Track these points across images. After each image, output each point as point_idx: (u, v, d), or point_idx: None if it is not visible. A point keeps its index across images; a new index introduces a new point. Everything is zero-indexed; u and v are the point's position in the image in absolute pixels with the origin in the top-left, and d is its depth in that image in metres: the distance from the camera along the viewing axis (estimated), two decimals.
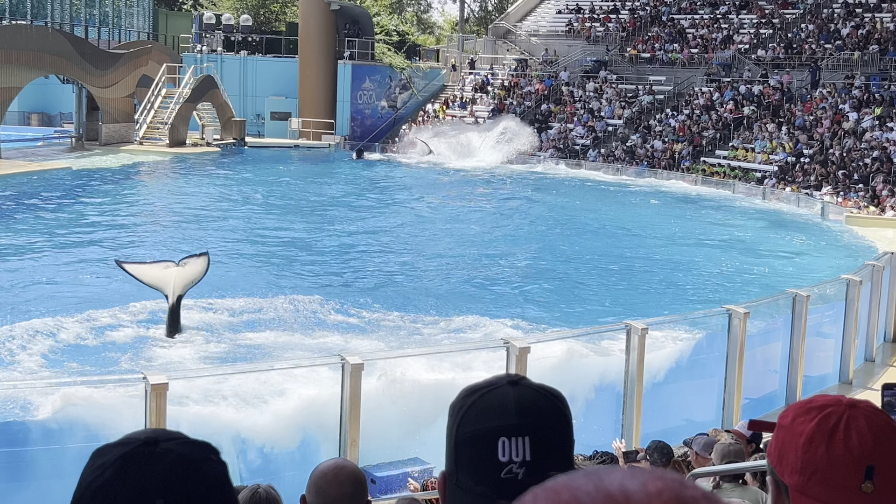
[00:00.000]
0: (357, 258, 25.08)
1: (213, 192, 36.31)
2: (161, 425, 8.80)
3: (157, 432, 1.34)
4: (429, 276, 23.17)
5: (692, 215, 34.68)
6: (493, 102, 55.10)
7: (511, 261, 25.12)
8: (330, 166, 47.09)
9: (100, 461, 1.30)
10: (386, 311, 19.25)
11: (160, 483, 1.27)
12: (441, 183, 42.43)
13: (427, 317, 18.93)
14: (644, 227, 31.35)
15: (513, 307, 20.08)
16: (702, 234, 30.48)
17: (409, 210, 34.02)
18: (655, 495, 0.80)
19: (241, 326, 18.08)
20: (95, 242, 25.33)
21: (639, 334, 11.43)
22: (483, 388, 1.60)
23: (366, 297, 20.61)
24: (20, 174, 36.09)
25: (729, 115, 46.48)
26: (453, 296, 20.93)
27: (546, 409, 1.58)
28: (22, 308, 18.58)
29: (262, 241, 26.81)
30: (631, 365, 11.54)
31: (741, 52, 51.17)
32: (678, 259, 26.19)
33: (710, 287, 23.00)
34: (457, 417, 1.58)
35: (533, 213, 33.92)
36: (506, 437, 1.53)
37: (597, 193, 39.77)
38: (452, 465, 1.58)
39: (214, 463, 1.34)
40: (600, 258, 25.79)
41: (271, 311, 19.14)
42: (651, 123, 48.96)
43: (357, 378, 9.96)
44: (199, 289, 19.58)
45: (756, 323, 13.78)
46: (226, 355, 16.16)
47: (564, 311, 19.96)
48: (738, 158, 43.47)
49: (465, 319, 18.78)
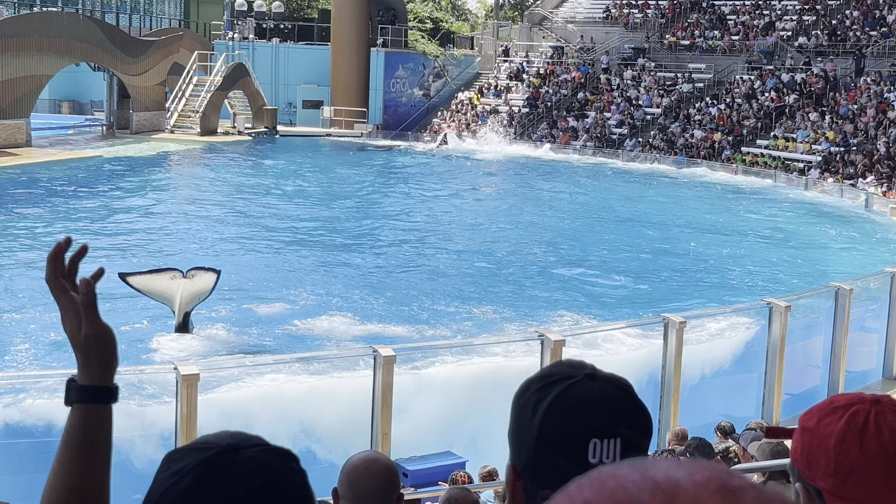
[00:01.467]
0: (389, 249, 25.13)
1: (245, 181, 36.48)
2: (192, 416, 8.88)
3: (237, 437, 1.30)
4: (461, 267, 23.17)
5: (732, 206, 34.45)
6: (528, 91, 54.97)
7: (545, 252, 25.08)
8: (352, 155, 47.13)
9: (176, 467, 1.26)
10: (419, 303, 19.29)
11: (242, 494, 1.23)
12: (461, 170, 42.40)
13: (460, 309, 18.95)
14: (683, 218, 31.18)
15: (547, 299, 20.05)
16: (742, 226, 30.27)
17: (437, 200, 34.02)
18: (702, 484, 0.80)
19: (272, 317, 18.18)
20: (127, 232, 25.54)
21: (677, 328, 11.38)
22: (560, 380, 1.56)
23: (398, 288, 20.67)
24: (51, 162, 36.45)
25: (770, 104, 46.11)
26: (486, 288, 20.93)
27: (629, 405, 1.57)
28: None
29: (292, 231, 26.92)
30: (669, 359, 11.50)
31: (783, 39, 50.71)
32: (717, 251, 26.03)
33: (749, 280, 22.86)
34: (536, 412, 1.54)
35: (563, 203, 33.83)
36: (598, 438, 1.51)
37: (634, 183, 39.59)
38: (530, 461, 1.54)
39: (295, 473, 1.31)
40: (635, 250, 25.68)
41: (301, 301, 19.23)
42: (690, 112, 48.65)
43: (389, 370, 9.99)
44: (231, 278, 19.72)
45: (797, 316, 13.68)
46: (256, 346, 16.26)
47: (600, 303, 19.90)
48: (780, 148, 43.12)
49: (500, 311, 18.78)
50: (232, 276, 20.99)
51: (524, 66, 57.40)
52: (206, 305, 17.64)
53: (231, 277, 20.81)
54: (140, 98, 47.32)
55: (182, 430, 8.88)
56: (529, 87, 55.32)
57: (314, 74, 56.21)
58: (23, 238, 23.97)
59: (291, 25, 59.65)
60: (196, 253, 23.34)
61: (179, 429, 8.93)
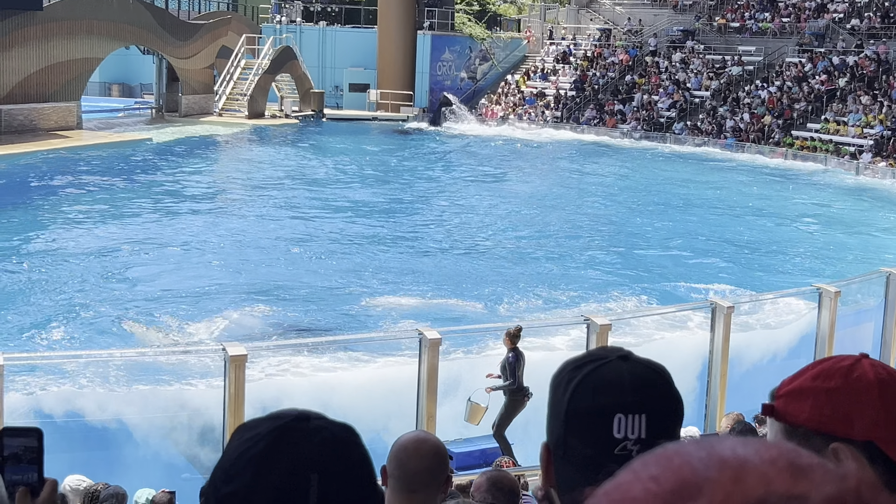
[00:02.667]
0: (432, 233, 25.15)
1: (291, 163, 36.66)
2: (240, 396, 8.97)
3: (305, 411, 1.36)
4: (506, 250, 23.15)
5: (781, 191, 34.08)
6: (575, 73, 54.66)
7: (592, 236, 24.98)
8: (395, 138, 47.14)
9: (251, 433, 1.32)
10: (466, 286, 19.32)
11: (315, 457, 1.29)
12: (501, 153, 42.26)
13: (506, 292, 18.95)
14: (731, 202, 30.91)
15: (594, 284, 19.98)
16: (792, 211, 29.96)
17: (478, 183, 33.98)
18: (770, 462, 0.79)
19: (318, 300, 18.30)
20: (176, 214, 25.78)
21: (724, 313, 11.30)
22: (593, 360, 1.60)
23: (443, 271, 20.70)
24: (102, 145, 36.85)
25: (821, 87, 45.48)
26: (532, 271, 20.90)
27: (659, 386, 1.60)
28: (107, 277, 19.04)
29: (338, 214, 27.02)
30: (715, 345, 11.42)
31: (835, 21, 49.96)
32: (767, 236, 25.80)
33: (799, 265, 22.63)
34: (567, 390, 1.58)
35: (610, 187, 33.63)
36: (622, 413, 1.54)
37: (682, 167, 39.27)
38: (560, 439, 1.58)
39: (359, 445, 1.36)
40: (684, 234, 25.51)
41: (346, 284, 19.33)
42: (739, 95, 48.14)
43: (435, 353, 10.02)
44: (277, 261, 19.91)
45: (847, 302, 13.52)
46: (300, 326, 16.38)
47: (648, 288, 19.80)
48: (831, 132, 42.55)
49: (546, 295, 18.76)
50: (278, 258, 21.17)
51: (571, 48, 57.04)
52: (252, 288, 17.84)
53: (277, 260, 20.99)
54: (189, 81, 47.66)
55: (230, 410, 8.98)
56: (576, 69, 54.99)
57: (361, 57, 56.28)
58: (73, 220, 24.28)
59: (338, 8, 59.73)
60: (242, 236, 23.55)
61: (227, 409, 9.02)
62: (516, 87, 55.16)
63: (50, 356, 12.89)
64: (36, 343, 14.93)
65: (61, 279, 18.80)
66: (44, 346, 14.72)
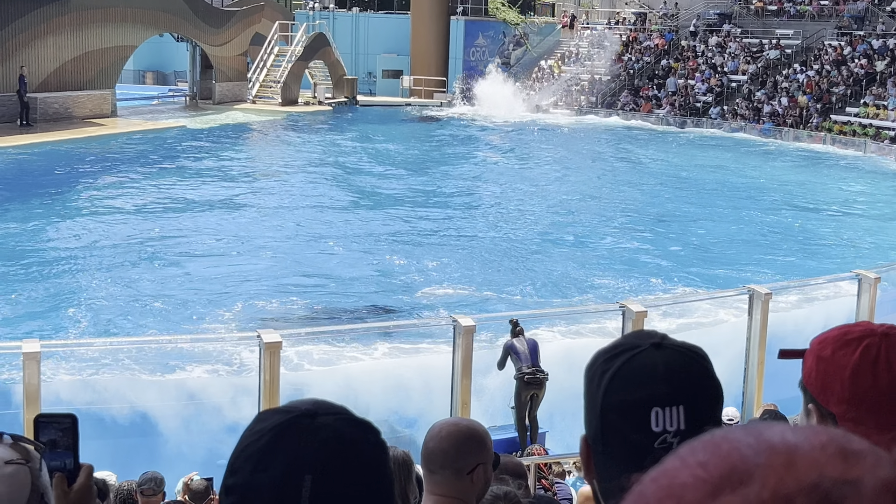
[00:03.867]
0: (469, 219, 25.14)
1: (327, 151, 36.76)
2: (275, 384, 9.01)
3: (318, 404, 1.33)
4: (541, 237, 23.10)
5: (820, 176, 33.78)
6: (610, 58, 54.37)
7: (625, 222, 24.88)
8: (424, 125, 47.11)
9: (258, 426, 1.31)
10: (500, 273, 19.31)
11: (312, 458, 1.27)
12: (529, 139, 42.14)
13: (541, 279, 18.93)
14: (769, 188, 30.68)
15: (629, 270, 19.91)
16: (831, 196, 29.69)
17: (510, 169, 33.91)
18: (820, 448, 0.79)
19: (352, 287, 18.35)
20: (212, 203, 25.92)
21: (762, 299, 11.21)
22: (626, 350, 1.57)
23: (478, 258, 20.69)
24: (136, 132, 37.14)
25: (861, 71, 44.97)
26: (566, 257, 20.85)
27: (695, 373, 1.57)
28: (144, 264, 19.20)
29: (372, 202, 27.08)
30: (753, 332, 11.33)
31: (874, 3, 49.33)
32: (804, 222, 25.59)
33: (838, 251, 22.44)
34: (601, 383, 1.56)
35: (644, 172, 33.46)
36: (659, 406, 1.52)
37: (718, 152, 38.99)
38: (598, 432, 1.56)
39: (371, 444, 1.33)
40: (721, 220, 25.36)
41: (381, 271, 19.38)
42: (777, 79, 47.70)
43: (469, 340, 10.02)
44: (310, 248, 19.98)
45: (888, 288, 13.39)
46: (335, 313, 16.43)
47: (685, 275, 19.71)
48: (870, 116, 42.07)
49: (581, 281, 18.72)
50: (313, 246, 21.26)
51: (606, 33, 56.74)
52: (287, 275, 17.92)
53: (312, 248, 21.09)
54: (222, 68, 47.87)
55: (265, 399, 9.01)
56: (612, 54, 54.69)
57: (394, 44, 56.28)
58: (110, 207, 24.47)
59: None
60: (275, 225, 23.65)
61: (263, 397, 9.07)
62: (550, 72, 54.95)
63: (85, 343, 13.01)
64: (71, 330, 15.07)
65: (97, 266, 18.97)
66: (79, 332, 14.86)
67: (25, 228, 21.75)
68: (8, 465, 1.75)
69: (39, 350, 8.63)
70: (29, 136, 33.43)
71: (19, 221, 22.36)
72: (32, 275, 18.12)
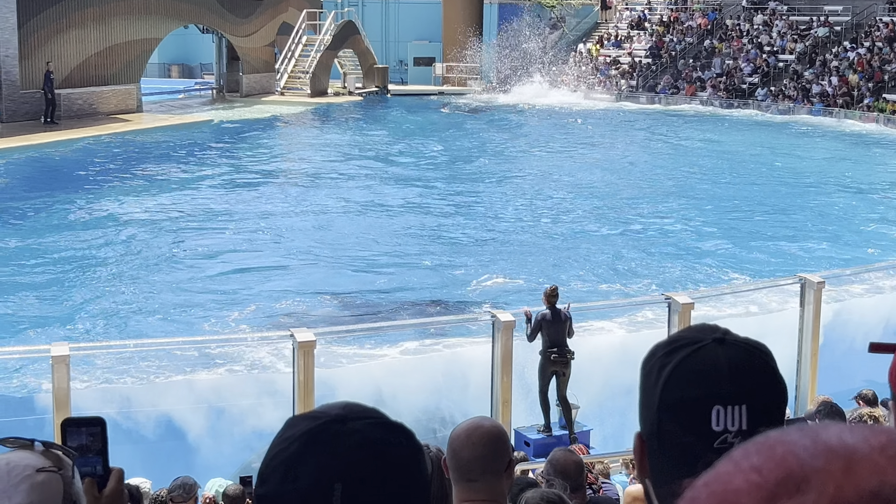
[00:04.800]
0: (508, 209, 25.10)
1: (358, 142, 36.81)
2: (309, 385, 9.05)
3: (349, 408, 1.33)
4: (583, 226, 23.03)
5: (872, 159, 33.41)
6: (650, 40, 54.05)
7: (671, 209, 24.75)
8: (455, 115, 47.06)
9: (288, 433, 1.31)
10: (539, 267, 19.27)
11: (342, 465, 1.27)
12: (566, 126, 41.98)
13: (585, 270, 18.88)
14: (820, 172, 30.40)
15: (677, 260, 19.82)
16: (884, 180, 29.36)
17: (553, 157, 33.81)
18: (879, 449, 0.77)
19: (388, 283, 18.39)
20: (243, 199, 26.05)
21: (815, 289, 11.11)
22: (686, 345, 1.55)
23: (519, 249, 20.67)
24: (163, 127, 37.36)
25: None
26: (610, 247, 20.78)
27: (759, 370, 1.54)
28: (175, 263, 19.34)
29: (412, 196, 27.09)
30: (805, 322, 11.25)
31: None
32: (857, 207, 25.33)
33: (893, 238, 22.20)
34: (658, 379, 1.54)
35: (686, 158, 33.24)
36: (721, 405, 1.50)
37: (766, 135, 38.67)
38: (654, 430, 1.54)
39: (404, 448, 1.32)
40: (771, 206, 25.17)
41: (417, 266, 19.40)
42: (826, 58, 47.22)
43: (508, 335, 10.02)
44: (344, 243, 20.03)
45: None
46: (371, 310, 16.47)
47: (735, 264, 19.60)
48: None
49: (626, 272, 18.65)
50: (346, 240, 21.32)
51: (646, 13, 56.40)
52: (322, 271, 17.99)
53: (344, 242, 21.15)
54: (249, 60, 48.00)
55: (300, 399, 9.06)
56: (652, 35, 54.37)
57: (425, 30, 56.25)
58: (134, 208, 24.64)
59: None
60: (308, 220, 23.74)
61: (297, 397, 9.11)
62: (588, 55, 54.71)
63: (116, 345, 13.12)
64: (100, 332, 15.21)
65: (127, 266, 19.12)
66: (108, 335, 14.99)
67: (52, 229, 21.95)
68: (40, 473, 1.77)
69: (68, 353, 8.72)
70: (53, 134, 33.75)
71: (44, 223, 22.58)
72: (57, 277, 18.29)
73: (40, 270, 18.60)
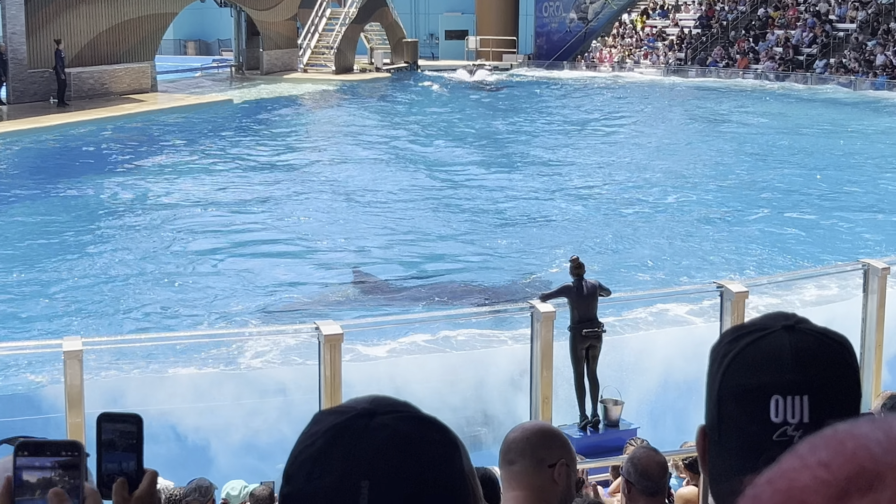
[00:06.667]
0: (551, 193, 25.07)
1: (387, 122, 36.83)
2: (336, 378, 9.09)
3: (378, 401, 1.33)
4: (628, 210, 22.96)
5: None
6: (700, 9, 53.70)
7: (723, 192, 24.63)
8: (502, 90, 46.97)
9: (314, 429, 1.31)
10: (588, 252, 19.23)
11: (368, 462, 1.26)
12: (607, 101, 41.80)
13: (633, 258, 18.85)
14: (887, 151, 30.14)
15: (729, 249, 19.76)
16: None
17: (595, 137, 33.71)
18: None
19: (423, 271, 18.44)
20: (266, 184, 26.13)
21: (879, 275, 11.03)
22: (753, 331, 1.55)
23: (561, 235, 20.65)
24: (179, 108, 37.38)
25: None
26: (659, 233, 20.71)
27: (829, 361, 1.53)
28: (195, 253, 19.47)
29: (443, 175, 27.09)
30: (869, 311, 11.16)
31: None
32: None
33: None
34: (721, 367, 1.54)
35: (739, 137, 33.04)
36: (780, 395, 1.49)
37: (825, 112, 38.37)
38: (714, 421, 1.55)
39: (436, 443, 1.31)
40: (833, 189, 25.00)
41: (452, 255, 19.43)
42: (891, 26, 46.74)
43: (549, 328, 10.00)
44: (374, 230, 20.08)
45: None
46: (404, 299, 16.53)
47: (791, 251, 19.51)
48: None
49: (676, 259, 18.62)
50: (377, 228, 21.39)
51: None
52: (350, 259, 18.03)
53: (375, 230, 21.21)
54: (270, 35, 48.02)
55: (326, 394, 9.09)
56: (702, 4, 54.00)
57: (458, 1, 56.12)
58: (149, 194, 24.77)
59: None
60: (334, 206, 23.80)
61: (323, 393, 9.14)
62: (633, 27, 54.43)
63: (131, 339, 13.20)
64: (117, 325, 15.33)
65: (142, 255, 19.25)
66: (125, 327, 15.11)
67: (64, 219, 22.13)
68: None
69: (81, 348, 8.78)
70: (63, 116, 33.81)
71: (54, 211, 22.76)
72: (68, 269, 18.42)
73: (49, 263, 18.76)
